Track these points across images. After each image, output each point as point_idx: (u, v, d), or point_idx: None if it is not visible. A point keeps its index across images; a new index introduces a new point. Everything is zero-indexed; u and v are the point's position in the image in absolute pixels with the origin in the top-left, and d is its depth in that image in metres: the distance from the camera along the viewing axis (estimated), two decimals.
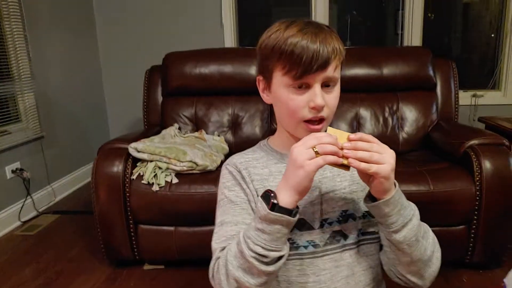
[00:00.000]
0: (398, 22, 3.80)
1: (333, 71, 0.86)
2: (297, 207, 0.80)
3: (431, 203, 1.91)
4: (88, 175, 3.57)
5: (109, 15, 3.74)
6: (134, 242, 2.10)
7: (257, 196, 0.93)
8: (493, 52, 3.75)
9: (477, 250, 2.00)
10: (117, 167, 2.03)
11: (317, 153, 0.75)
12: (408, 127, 2.54)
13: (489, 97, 3.58)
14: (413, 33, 3.55)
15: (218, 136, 2.56)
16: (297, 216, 0.80)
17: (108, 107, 3.96)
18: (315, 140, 0.76)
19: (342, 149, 0.76)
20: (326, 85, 0.88)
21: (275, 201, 0.77)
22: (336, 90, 0.90)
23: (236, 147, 2.55)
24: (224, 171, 1.00)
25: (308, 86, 0.86)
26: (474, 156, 1.96)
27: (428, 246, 0.87)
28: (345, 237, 0.94)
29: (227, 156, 2.37)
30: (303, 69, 0.83)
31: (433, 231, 0.91)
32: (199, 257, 2.10)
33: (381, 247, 0.97)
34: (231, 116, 2.63)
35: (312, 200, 0.94)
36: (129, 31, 3.73)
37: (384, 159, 0.77)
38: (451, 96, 2.60)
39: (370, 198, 0.86)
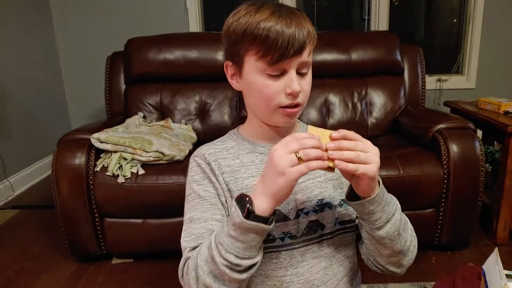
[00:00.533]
0: (364, 7, 3.81)
1: (307, 55, 0.83)
2: (274, 213, 0.75)
3: (401, 187, 1.92)
4: (48, 167, 3.42)
5: (64, 1, 3.55)
6: (100, 236, 2.02)
7: (227, 189, 0.89)
8: (456, 37, 3.81)
9: (445, 232, 2.03)
10: (79, 159, 1.94)
11: (299, 158, 0.70)
12: (377, 112, 2.54)
13: (453, 82, 3.65)
14: (379, 19, 3.55)
15: (185, 124, 2.49)
16: (273, 224, 0.76)
17: (68, 96, 3.78)
18: (298, 145, 0.71)
19: (326, 150, 0.72)
20: (301, 71, 0.84)
21: (251, 208, 0.72)
22: (309, 75, 0.87)
23: (204, 136, 2.49)
24: (192, 164, 0.95)
25: (283, 72, 0.82)
26: (441, 140, 1.98)
27: (407, 237, 0.86)
28: (322, 227, 0.91)
29: (195, 145, 2.31)
30: (279, 54, 0.79)
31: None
32: (169, 249, 2.06)
33: (358, 236, 0.95)
34: (199, 103, 2.56)
35: None
36: (88, 15, 3.55)
37: (371, 158, 0.73)
38: (418, 81, 2.61)
39: (351, 193, 0.82)
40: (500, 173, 2.10)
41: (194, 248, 0.83)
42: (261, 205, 0.73)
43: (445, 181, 1.94)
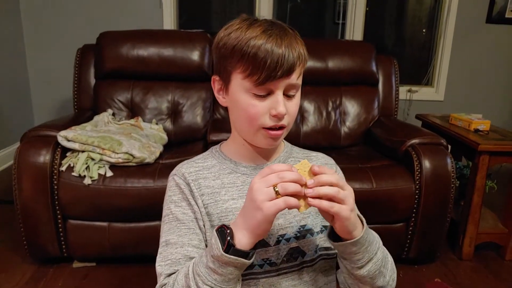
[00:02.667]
0: (335, 12, 3.83)
1: (296, 78, 0.81)
2: (255, 247, 0.74)
3: (373, 201, 1.92)
4: (5, 159, 3.28)
5: None
6: (62, 238, 1.94)
7: (206, 213, 0.86)
8: (426, 48, 3.88)
9: (413, 246, 2.06)
10: (44, 157, 1.84)
11: (277, 192, 0.68)
12: (350, 122, 2.54)
13: (422, 93, 3.72)
14: (355, 25, 3.57)
15: (156, 124, 2.41)
16: (253, 258, 0.74)
17: (32, 86, 3.59)
18: (276, 178, 0.69)
19: (305, 186, 0.70)
20: (288, 94, 0.82)
21: (231, 241, 0.70)
22: (297, 97, 0.85)
23: (175, 137, 2.42)
24: (171, 183, 0.90)
25: (269, 92, 0.80)
26: (414, 155, 2.00)
27: (387, 272, 0.84)
28: (303, 254, 0.88)
29: (165, 146, 2.24)
30: (266, 75, 0.76)
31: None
32: (134, 254, 2.01)
33: (337, 265, 0.92)
34: (171, 103, 2.49)
35: None
36: (58, 4, 3.39)
37: (347, 198, 0.71)
38: (392, 92, 2.64)
39: (333, 233, 0.79)
40: (468, 190, 2.14)
41: (170, 274, 0.80)
42: (242, 240, 0.72)
43: (417, 196, 1.96)
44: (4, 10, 3.25)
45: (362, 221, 0.78)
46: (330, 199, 0.70)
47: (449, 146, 2.13)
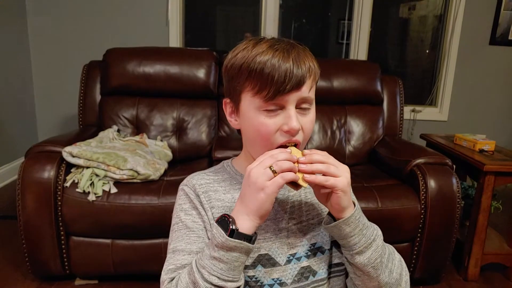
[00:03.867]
0: (339, 32, 3.86)
1: (308, 91, 0.79)
2: (255, 233, 0.75)
3: (379, 220, 1.87)
4: (8, 175, 3.27)
5: (41, 1, 3.41)
6: (64, 255, 1.92)
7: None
8: (430, 68, 3.91)
9: (418, 266, 2.03)
10: (49, 173, 1.84)
11: (274, 172, 0.72)
12: (355, 141, 2.54)
13: (426, 113, 3.72)
14: (359, 45, 3.60)
15: (161, 141, 2.41)
16: (255, 244, 0.76)
17: (37, 101, 3.61)
18: (271, 159, 0.73)
19: (298, 162, 0.75)
20: (301, 106, 0.80)
21: (234, 227, 0.72)
22: (312, 112, 0.83)
23: (180, 154, 2.42)
24: (180, 193, 0.90)
25: (281, 108, 0.78)
26: (420, 175, 1.99)
27: (394, 268, 0.83)
28: (314, 273, 0.87)
29: (170, 163, 2.24)
30: (275, 89, 0.75)
31: None
32: (137, 272, 1.98)
33: (346, 275, 0.91)
34: (176, 120, 2.50)
35: (277, 233, 0.86)
36: (65, 21, 3.42)
37: (339, 172, 0.75)
38: (396, 112, 2.64)
39: (329, 221, 0.81)
40: (473, 210, 2.13)
41: (172, 279, 0.79)
42: (244, 224, 0.73)
43: (422, 216, 1.95)
44: (11, 26, 3.29)
45: (354, 204, 0.79)
46: (323, 175, 0.74)
47: (454, 166, 2.13)
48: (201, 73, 2.49)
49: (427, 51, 4.03)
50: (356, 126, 2.56)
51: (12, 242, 2.29)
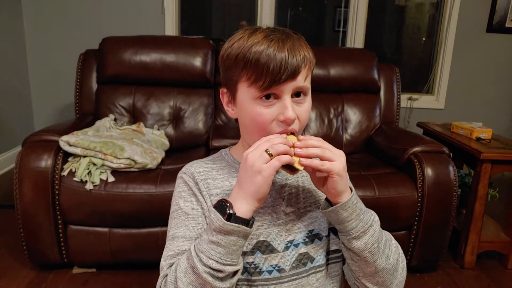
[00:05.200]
0: (335, 20, 3.84)
1: (303, 80, 0.79)
2: (253, 217, 0.76)
3: (375, 209, 1.88)
4: (5, 164, 3.26)
5: None
6: (62, 243, 1.92)
7: None
8: (427, 56, 3.90)
9: (415, 254, 2.05)
10: (46, 162, 1.83)
11: (270, 155, 0.73)
12: (352, 129, 2.54)
13: (422, 101, 3.72)
14: (356, 33, 3.58)
15: (158, 130, 2.41)
16: (253, 228, 0.76)
17: (33, 90, 3.59)
18: (267, 143, 0.74)
19: (293, 147, 0.76)
20: (297, 95, 0.80)
21: (231, 211, 0.73)
22: (308, 101, 0.83)
23: (177, 143, 2.42)
24: (179, 180, 0.90)
25: (277, 98, 0.79)
26: (417, 163, 2.00)
27: (390, 254, 0.84)
28: (312, 259, 0.88)
29: (167, 152, 2.24)
30: (270, 79, 0.75)
31: None
32: (135, 260, 1.99)
33: (343, 261, 0.92)
34: (173, 108, 2.49)
35: (275, 220, 0.87)
36: (60, 10, 3.38)
37: (335, 156, 0.76)
38: (393, 100, 2.64)
39: (326, 206, 0.83)
40: (470, 198, 2.14)
41: (172, 265, 0.79)
42: (242, 207, 0.74)
43: (419, 204, 1.96)
44: (6, 15, 3.25)
45: (350, 189, 0.80)
46: (319, 157, 0.75)
47: (451, 154, 2.13)
48: (197, 62, 2.48)
49: (424, 39, 4.02)
50: (353, 115, 2.56)
51: (10, 231, 2.30)
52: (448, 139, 2.36)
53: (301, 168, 0.75)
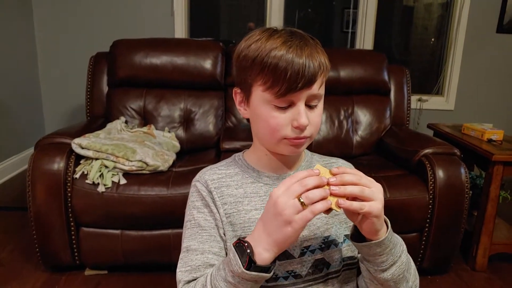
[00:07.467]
0: (344, 21, 3.84)
1: (318, 88, 0.79)
2: (274, 261, 0.73)
3: (387, 211, 1.88)
4: (17, 167, 3.30)
5: None
6: (74, 245, 1.93)
7: (228, 222, 0.86)
8: (436, 58, 3.88)
9: (427, 256, 2.04)
10: (58, 164, 1.85)
11: (302, 203, 0.67)
12: (362, 131, 2.54)
13: (432, 102, 3.70)
14: (365, 34, 3.57)
15: (169, 132, 2.42)
16: (273, 272, 0.73)
17: (44, 93, 3.62)
18: (300, 187, 0.68)
19: (328, 184, 0.69)
20: (310, 103, 0.80)
21: (252, 258, 0.70)
22: (320, 107, 0.83)
23: (188, 145, 2.43)
24: (193, 189, 0.91)
25: (291, 104, 0.79)
26: (428, 165, 1.99)
27: (410, 277, 0.84)
28: (328, 265, 0.88)
29: (178, 154, 2.24)
30: (287, 86, 0.75)
31: None
32: (147, 262, 2.00)
33: (358, 271, 0.92)
34: (183, 111, 2.50)
35: None
36: (71, 12, 3.41)
37: (375, 194, 0.70)
38: (403, 102, 2.64)
39: (355, 233, 0.79)
40: (482, 200, 2.12)
41: (189, 282, 0.81)
42: (263, 254, 0.71)
43: (430, 206, 1.95)
44: (17, 17, 3.29)
45: (386, 223, 0.77)
46: (356, 198, 0.69)
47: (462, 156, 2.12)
48: (208, 64, 2.48)
49: (433, 40, 4.00)
50: (363, 116, 2.55)
51: (23, 233, 2.32)
52: (459, 141, 2.34)
53: (339, 210, 0.69)
